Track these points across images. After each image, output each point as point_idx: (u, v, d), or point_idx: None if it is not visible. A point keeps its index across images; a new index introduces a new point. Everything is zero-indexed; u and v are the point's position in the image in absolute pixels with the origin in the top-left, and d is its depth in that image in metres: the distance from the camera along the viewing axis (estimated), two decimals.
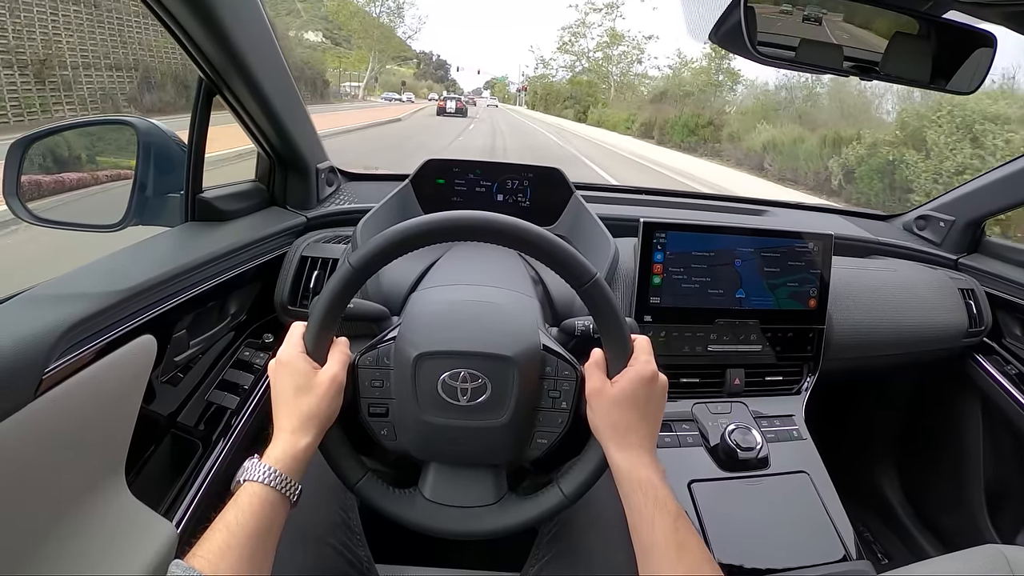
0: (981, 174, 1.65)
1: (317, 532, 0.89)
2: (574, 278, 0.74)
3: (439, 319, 0.83)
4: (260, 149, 1.35)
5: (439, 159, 1.43)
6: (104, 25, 13.32)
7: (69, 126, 1.22)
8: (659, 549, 0.65)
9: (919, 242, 1.75)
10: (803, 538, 1.07)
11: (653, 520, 0.67)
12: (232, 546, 0.60)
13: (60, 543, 0.75)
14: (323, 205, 1.47)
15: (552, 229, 1.39)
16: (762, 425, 1.23)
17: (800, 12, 0.97)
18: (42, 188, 1.14)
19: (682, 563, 0.64)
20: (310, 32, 51.09)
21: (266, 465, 0.67)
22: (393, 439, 0.80)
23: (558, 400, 0.80)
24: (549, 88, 61.05)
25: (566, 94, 52.37)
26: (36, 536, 0.72)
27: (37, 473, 0.71)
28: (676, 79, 34.49)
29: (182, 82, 14.31)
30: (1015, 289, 1.55)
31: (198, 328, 1.08)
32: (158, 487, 1.01)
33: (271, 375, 0.75)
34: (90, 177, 1.31)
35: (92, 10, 12.96)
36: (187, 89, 9.23)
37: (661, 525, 0.66)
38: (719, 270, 1.24)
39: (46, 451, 0.72)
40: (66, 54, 11.88)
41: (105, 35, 13.48)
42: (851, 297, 1.38)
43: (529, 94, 75.79)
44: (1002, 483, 1.61)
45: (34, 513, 0.72)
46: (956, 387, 1.67)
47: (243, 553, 0.61)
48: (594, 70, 54.69)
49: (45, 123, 1.19)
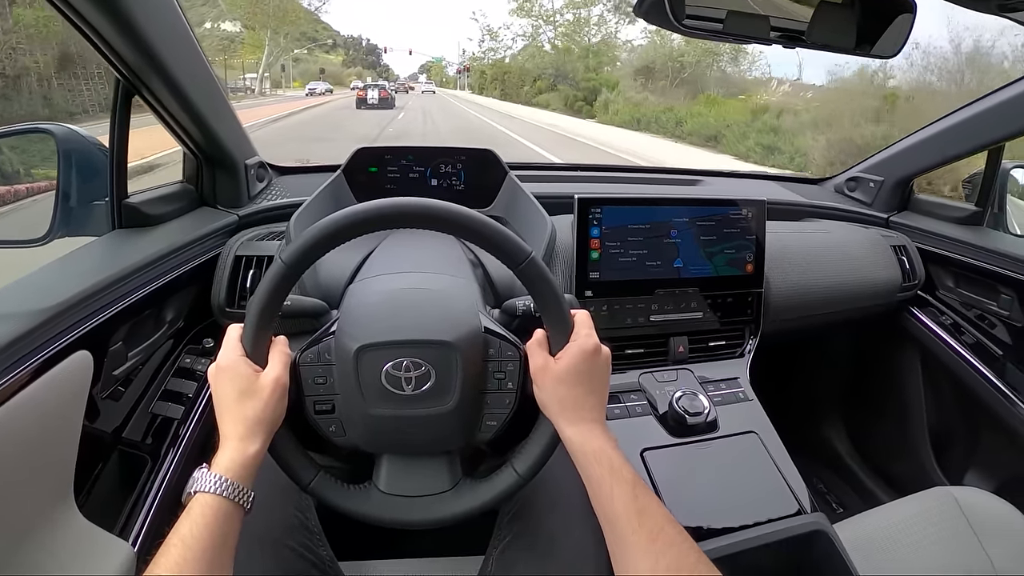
0: (908, 135, 1.71)
1: (275, 535, 0.88)
2: (509, 258, 0.74)
3: (377, 309, 0.82)
4: (185, 149, 1.31)
5: (370, 147, 1.42)
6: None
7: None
8: (621, 518, 0.66)
9: (851, 203, 1.80)
10: (757, 496, 1.10)
11: (612, 490, 0.67)
12: (189, 560, 0.59)
13: (15, 572, 0.72)
14: (255, 202, 1.44)
15: (488, 211, 1.39)
16: (708, 390, 1.25)
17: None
18: None
19: (644, 528, 0.64)
20: (227, 22, 46.60)
21: (216, 474, 0.65)
22: (342, 435, 0.79)
23: (504, 381, 0.80)
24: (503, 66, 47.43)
25: (536, 73, 39.13)
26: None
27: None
28: (665, 47, 26.47)
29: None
30: (945, 243, 1.61)
31: (135, 339, 1.05)
32: (110, 506, 0.98)
33: (211, 382, 0.73)
34: (8, 191, 1.26)
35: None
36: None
37: (620, 494, 0.67)
38: (656, 241, 1.26)
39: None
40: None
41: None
42: (787, 260, 1.42)
43: (474, 75, 62.91)
44: (945, 428, 1.67)
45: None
46: (895, 340, 1.73)
47: (201, 566, 0.60)
48: (569, 35, 40.18)
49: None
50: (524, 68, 42.53)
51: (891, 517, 1.20)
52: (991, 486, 1.49)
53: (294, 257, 0.72)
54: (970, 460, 1.60)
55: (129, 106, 1.10)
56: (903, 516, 1.19)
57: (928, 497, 1.23)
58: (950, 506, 1.20)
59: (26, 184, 1.29)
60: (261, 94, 42.59)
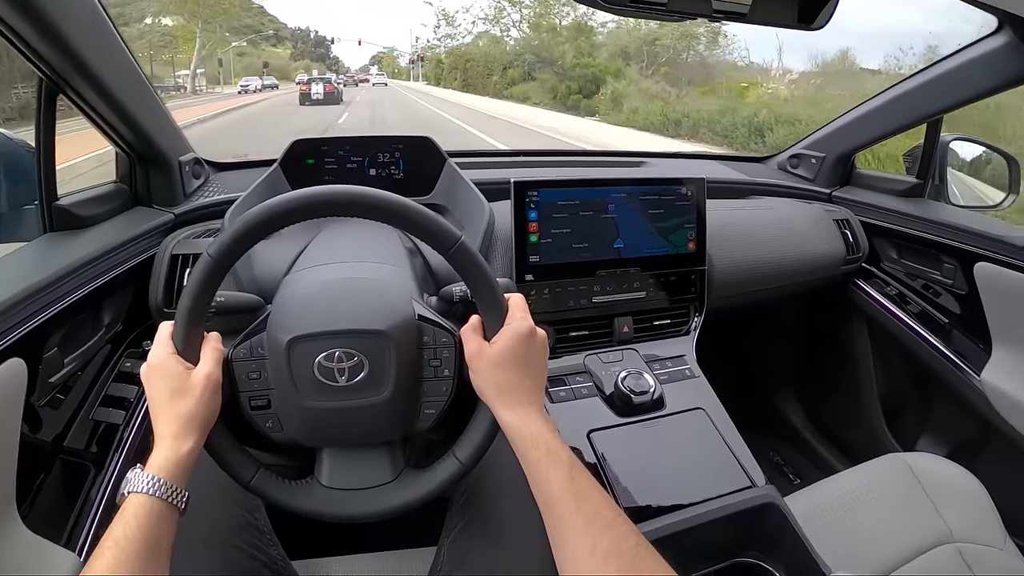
0: (847, 111, 1.73)
1: (221, 536, 0.86)
2: (439, 243, 0.73)
3: (308, 300, 0.81)
4: (117, 148, 1.28)
5: (307, 139, 1.40)
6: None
7: None
8: (558, 501, 0.65)
9: (794, 180, 1.83)
10: (706, 472, 1.10)
11: (548, 473, 0.67)
12: (122, 562, 0.58)
13: None
14: (191, 200, 1.41)
15: (428, 199, 1.38)
16: (655, 368, 1.25)
17: None
18: None
19: (581, 511, 0.63)
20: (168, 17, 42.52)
21: (149, 475, 0.64)
22: (279, 430, 0.78)
23: (440, 368, 0.79)
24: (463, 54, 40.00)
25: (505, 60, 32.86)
26: None
27: None
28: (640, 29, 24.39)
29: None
30: (887, 215, 1.63)
31: (71, 344, 1.02)
32: (54, 517, 0.95)
33: (144, 381, 0.72)
34: None
35: None
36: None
37: (556, 477, 0.66)
38: (596, 223, 1.26)
39: None
40: None
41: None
42: (730, 237, 1.43)
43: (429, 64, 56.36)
44: (896, 396, 1.70)
45: None
46: (843, 312, 1.75)
47: (135, 567, 0.59)
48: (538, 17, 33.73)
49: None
50: (490, 55, 35.71)
51: (846, 485, 1.21)
52: (943, 451, 1.51)
53: (221, 251, 0.71)
54: (922, 426, 1.62)
55: (54, 106, 1.07)
56: (857, 484, 1.20)
57: (881, 464, 1.25)
58: (903, 472, 1.21)
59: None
60: (195, 92, 37.57)
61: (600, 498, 0.66)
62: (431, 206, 0.75)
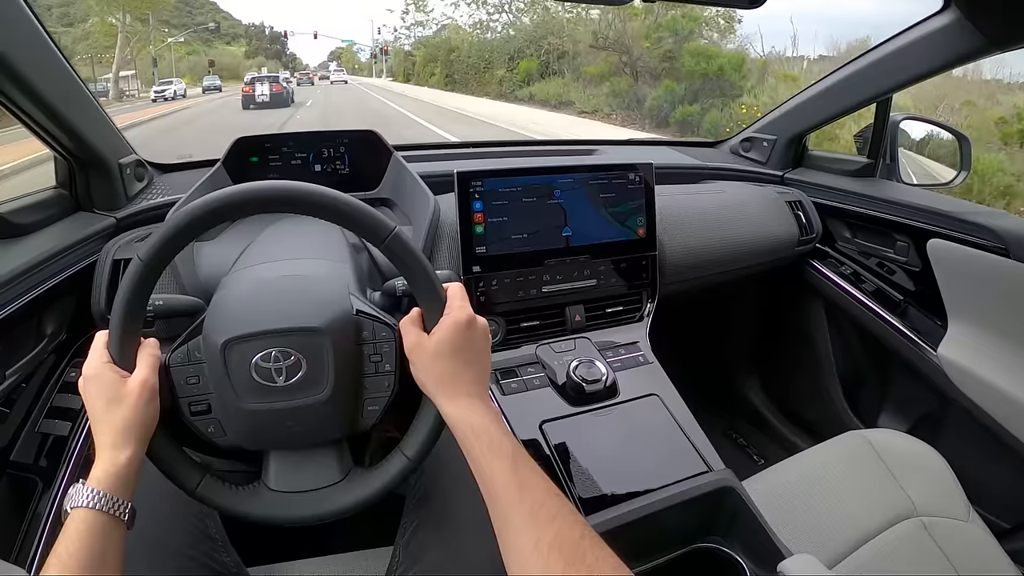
0: (796, 94, 1.75)
1: (174, 546, 0.85)
2: (373, 235, 0.72)
3: (244, 301, 0.79)
4: (53, 152, 1.24)
5: (249, 136, 1.37)
6: None
7: None
8: (501, 494, 0.63)
9: (746, 163, 1.84)
10: (662, 458, 1.08)
11: (491, 465, 0.65)
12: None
13: None
14: (134, 203, 1.37)
15: (375, 194, 1.36)
16: (608, 356, 1.23)
17: None
18: None
19: (525, 502, 0.62)
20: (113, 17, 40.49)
21: (89, 488, 0.63)
22: (222, 435, 0.77)
23: (380, 364, 0.78)
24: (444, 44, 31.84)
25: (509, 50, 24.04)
26: None
27: None
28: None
29: None
30: (839, 195, 1.64)
31: (12, 356, 0.99)
32: (2, 533, 0.94)
33: (81, 392, 0.71)
34: None
35: None
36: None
37: (500, 469, 0.65)
38: (542, 211, 1.24)
39: None
40: None
41: None
42: (682, 221, 1.42)
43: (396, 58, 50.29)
44: (854, 373, 1.72)
45: None
46: (798, 293, 1.77)
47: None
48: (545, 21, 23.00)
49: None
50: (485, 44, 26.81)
51: (807, 464, 1.20)
52: (904, 426, 1.53)
53: (151, 253, 0.69)
54: (882, 403, 1.63)
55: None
56: (820, 462, 1.20)
57: (843, 441, 1.25)
58: (865, 448, 1.21)
59: None
60: (119, 99, 30.64)
61: (544, 488, 0.64)
62: (378, 200, 0.73)
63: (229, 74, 57.91)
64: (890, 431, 1.32)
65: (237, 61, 79.14)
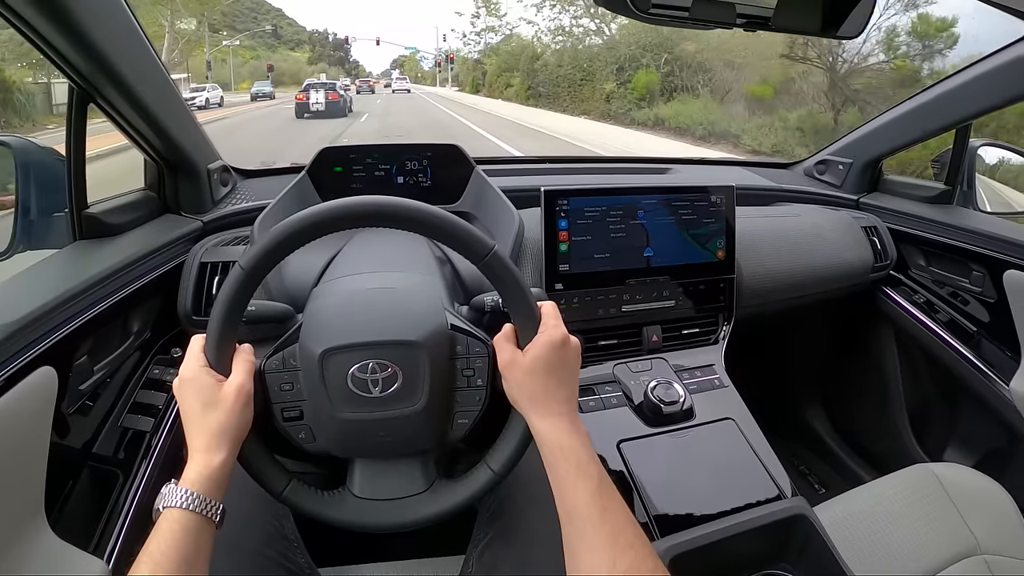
0: (875, 117, 1.72)
1: (252, 545, 0.87)
2: (472, 253, 0.73)
3: (341, 311, 0.81)
4: (146, 155, 1.29)
5: (334, 147, 1.40)
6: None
7: None
8: (582, 514, 0.65)
9: (820, 186, 1.81)
10: (736, 483, 1.09)
11: (576, 486, 0.66)
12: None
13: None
14: (219, 207, 1.42)
15: (455, 207, 1.37)
16: (684, 378, 1.24)
17: None
18: None
19: (606, 526, 0.63)
20: (183, 20, 39.77)
21: (183, 489, 0.64)
22: (312, 441, 0.78)
23: (473, 378, 0.79)
24: (517, 52, 27.72)
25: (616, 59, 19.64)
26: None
27: None
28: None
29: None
30: (915, 222, 1.62)
31: (101, 352, 1.02)
32: (83, 523, 0.96)
33: (176, 394, 0.72)
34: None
35: None
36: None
37: (584, 489, 0.66)
38: (626, 231, 1.25)
39: None
40: None
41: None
42: (758, 245, 1.42)
43: (463, 67, 45.66)
44: (922, 405, 1.69)
45: None
46: (869, 320, 1.74)
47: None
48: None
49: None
50: (585, 52, 22.36)
51: (872, 496, 1.20)
52: (970, 461, 1.50)
53: (253, 262, 0.70)
54: (949, 436, 1.61)
55: (85, 114, 1.08)
56: (884, 495, 1.19)
57: (908, 475, 1.24)
58: (931, 482, 1.20)
59: None
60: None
61: (625, 516, 0.66)
62: (459, 213, 0.75)
63: (290, 79, 56.67)
64: (956, 465, 1.29)
65: (299, 67, 79.04)
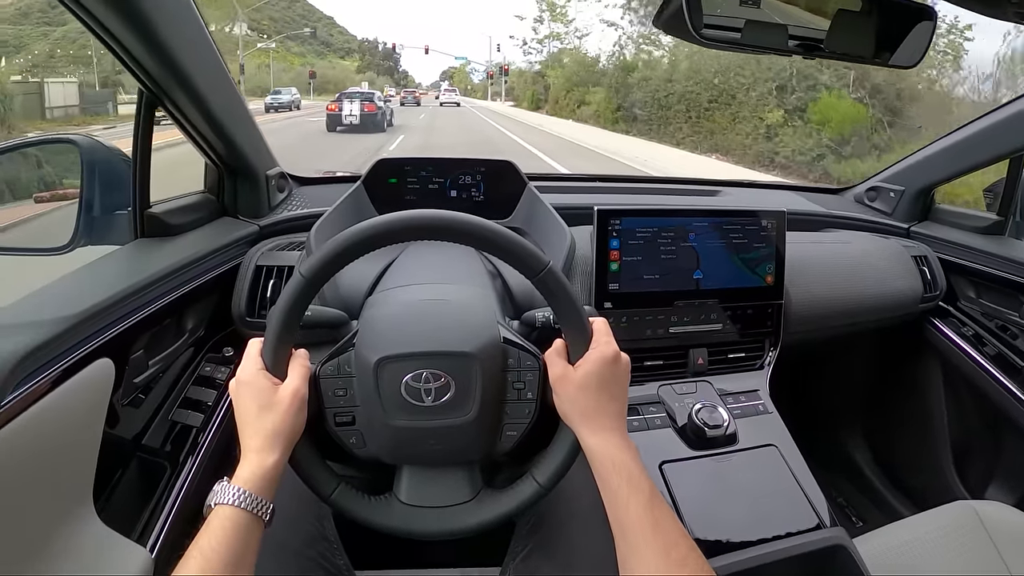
0: (928, 144, 1.69)
1: (295, 545, 0.89)
2: (527, 268, 0.74)
3: (397, 321, 0.82)
4: (207, 159, 1.33)
5: (390, 158, 1.43)
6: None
7: (9, 147, 1.19)
8: (635, 528, 0.66)
9: (871, 213, 1.79)
10: (776, 510, 1.09)
11: (628, 500, 0.68)
12: (207, 572, 0.60)
13: (33, 574, 0.73)
14: (276, 212, 1.45)
15: (507, 222, 1.39)
16: (728, 402, 1.24)
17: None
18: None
19: (658, 540, 0.65)
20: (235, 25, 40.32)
21: (236, 487, 0.66)
22: (362, 446, 0.80)
23: (523, 391, 0.80)
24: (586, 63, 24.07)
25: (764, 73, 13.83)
26: (8, 571, 0.70)
27: (3, 508, 0.70)
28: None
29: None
30: (967, 253, 1.59)
31: (156, 347, 1.06)
32: (128, 512, 0.98)
33: (232, 395, 0.74)
34: (34, 199, 1.28)
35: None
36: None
37: (636, 505, 0.67)
38: (676, 252, 1.26)
39: (10, 485, 0.70)
40: None
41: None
42: (807, 271, 1.41)
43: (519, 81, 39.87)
44: (966, 440, 1.65)
45: (5, 549, 0.71)
46: (916, 351, 1.71)
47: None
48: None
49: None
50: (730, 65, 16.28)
51: (911, 531, 1.18)
52: (1013, 500, 1.47)
53: (313, 270, 0.73)
54: (992, 473, 1.58)
55: (152, 117, 1.12)
56: (923, 530, 1.18)
57: (949, 511, 1.22)
58: (971, 520, 1.18)
59: (50, 192, 1.31)
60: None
61: (677, 531, 0.67)
62: (511, 229, 0.76)
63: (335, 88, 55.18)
64: (998, 504, 1.27)
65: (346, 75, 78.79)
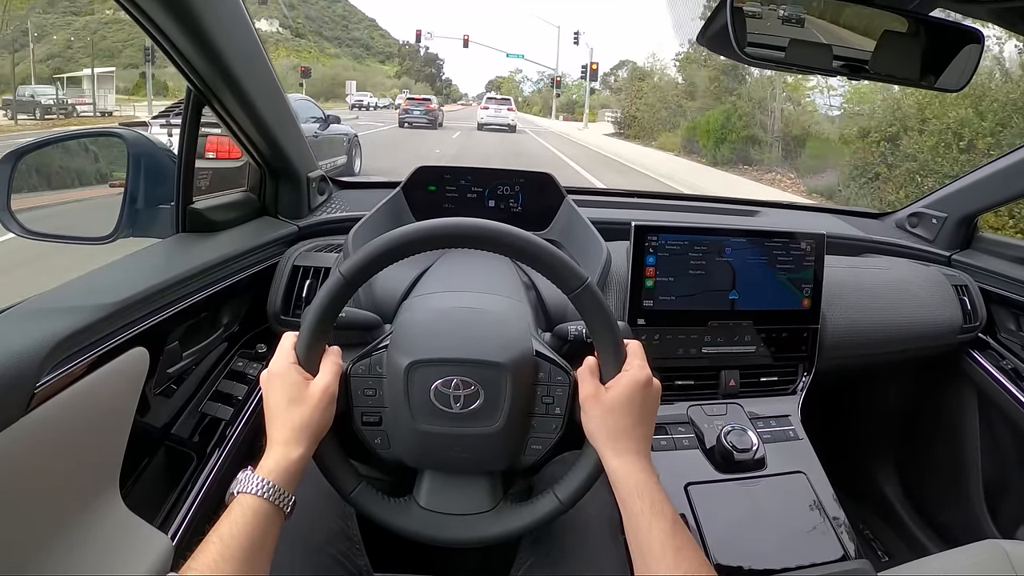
0: (972, 170, 1.66)
1: (316, 542, 0.90)
2: (565, 283, 0.75)
3: (431, 327, 0.83)
4: (251, 159, 1.35)
5: (430, 166, 1.44)
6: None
7: (59, 138, 1.22)
8: (656, 553, 0.66)
9: (912, 239, 1.75)
10: (801, 538, 1.08)
11: (651, 525, 0.67)
12: (226, 559, 0.61)
13: (56, 557, 0.74)
14: (315, 214, 1.47)
15: (544, 234, 1.39)
16: (758, 426, 1.23)
17: (785, 13, 0.97)
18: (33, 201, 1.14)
19: (680, 567, 0.64)
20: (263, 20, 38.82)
21: (259, 477, 0.67)
22: (387, 448, 0.80)
23: (552, 406, 0.80)
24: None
25: None
26: (32, 550, 0.72)
27: (31, 488, 0.71)
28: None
29: None
30: (1009, 284, 1.55)
31: (191, 339, 1.08)
32: (153, 499, 1.00)
33: (263, 387, 0.75)
34: (80, 189, 1.31)
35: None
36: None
37: (659, 529, 0.67)
38: (712, 272, 1.24)
39: (39, 465, 0.72)
40: None
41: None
42: (845, 296, 1.39)
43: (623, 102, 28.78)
44: (1000, 477, 1.61)
45: (29, 527, 0.72)
46: (952, 383, 1.67)
47: (236, 566, 0.61)
48: None
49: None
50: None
51: (938, 568, 1.14)
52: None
53: (353, 271, 0.74)
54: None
55: (199, 116, 1.15)
56: (950, 568, 1.14)
57: (977, 550, 1.18)
58: (1000, 560, 1.14)
59: (96, 183, 1.34)
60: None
61: (699, 558, 0.66)
62: (547, 241, 0.76)
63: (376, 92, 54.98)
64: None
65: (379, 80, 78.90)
